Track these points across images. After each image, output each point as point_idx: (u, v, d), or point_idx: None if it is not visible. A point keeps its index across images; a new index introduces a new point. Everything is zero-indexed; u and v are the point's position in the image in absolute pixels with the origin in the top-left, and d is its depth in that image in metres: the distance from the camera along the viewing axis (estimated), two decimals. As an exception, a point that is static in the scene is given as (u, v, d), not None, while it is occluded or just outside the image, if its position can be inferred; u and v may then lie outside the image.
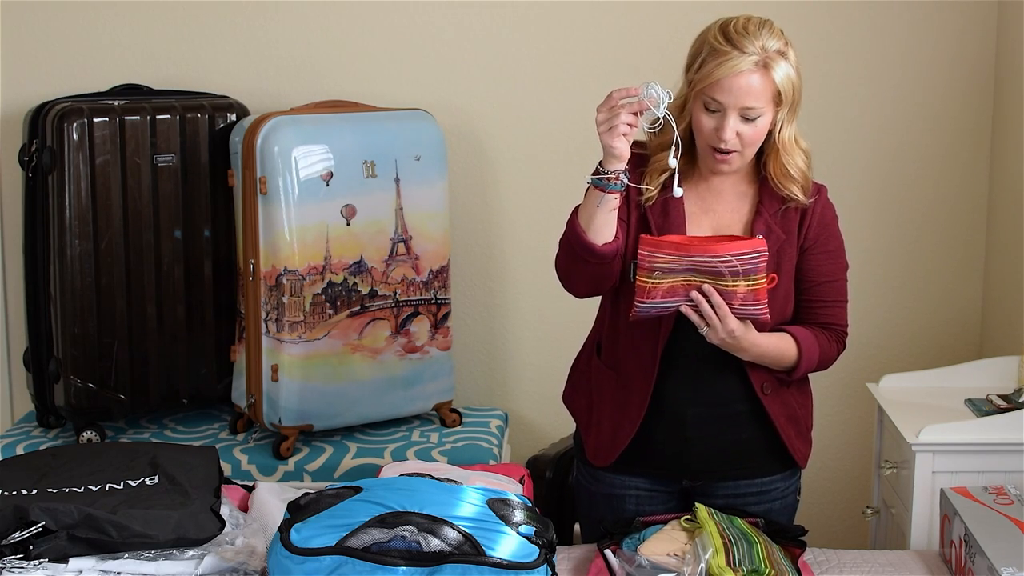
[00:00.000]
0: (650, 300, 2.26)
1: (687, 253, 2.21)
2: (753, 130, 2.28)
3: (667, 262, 2.22)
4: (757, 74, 2.23)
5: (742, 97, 2.23)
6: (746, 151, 2.31)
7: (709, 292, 2.24)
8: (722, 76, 2.22)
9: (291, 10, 3.54)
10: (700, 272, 2.23)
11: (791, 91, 2.28)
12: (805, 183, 2.37)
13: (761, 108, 2.26)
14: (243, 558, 2.14)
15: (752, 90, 2.23)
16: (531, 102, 3.57)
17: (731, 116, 2.25)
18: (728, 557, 2.17)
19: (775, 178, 2.36)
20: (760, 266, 2.23)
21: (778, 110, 2.29)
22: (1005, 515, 2.33)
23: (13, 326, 3.60)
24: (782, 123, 2.31)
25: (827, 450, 3.62)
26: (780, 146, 2.32)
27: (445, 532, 1.99)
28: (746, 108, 2.24)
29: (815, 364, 2.43)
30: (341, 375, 3.19)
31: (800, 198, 2.36)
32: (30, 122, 3.24)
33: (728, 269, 2.21)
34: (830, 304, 2.44)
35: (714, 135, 2.28)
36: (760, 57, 2.23)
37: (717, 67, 2.23)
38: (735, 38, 2.23)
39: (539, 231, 3.59)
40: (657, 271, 2.23)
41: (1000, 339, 3.44)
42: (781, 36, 2.27)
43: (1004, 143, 3.44)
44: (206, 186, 3.29)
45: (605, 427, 2.47)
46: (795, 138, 2.34)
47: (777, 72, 2.24)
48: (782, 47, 2.26)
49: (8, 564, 1.99)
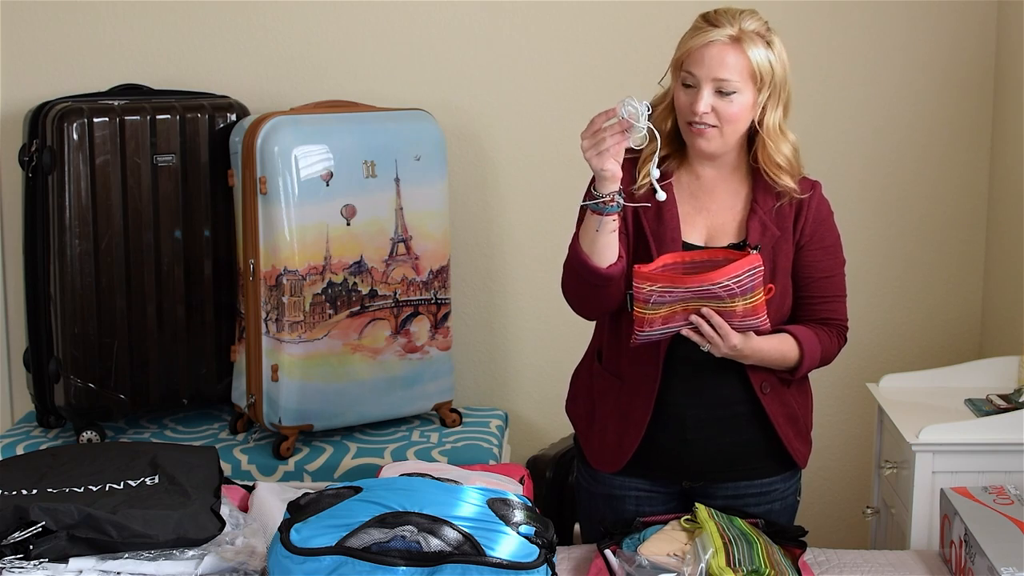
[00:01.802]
0: (649, 328, 2.26)
1: (682, 284, 2.21)
2: (729, 106, 2.29)
3: (662, 293, 2.22)
4: (730, 47, 2.27)
5: (714, 68, 2.26)
6: (725, 128, 2.31)
7: (709, 314, 2.25)
8: (694, 46, 2.27)
9: (291, 10, 3.54)
10: (698, 299, 2.23)
11: (769, 72, 2.29)
12: (793, 172, 2.37)
13: (735, 83, 2.27)
14: (243, 558, 2.14)
15: (725, 62, 2.26)
16: (531, 102, 3.57)
17: (705, 88, 2.28)
18: (728, 557, 2.17)
19: (766, 168, 2.36)
20: (756, 282, 2.23)
21: (759, 93, 2.30)
22: (1005, 515, 2.33)
23: (13, 326, 3.60)
24: (764, 108, 2.32)
25: (827, 450, 3.62)
26: (765, 133, 2.33)
27: (445, 532, 1.99)
28: (719, 79, 2.27)
29: (817, 362, 2.43)
30: (341, 375, 3.19)
31: (791, 186, 2.36)
32: (30, 122, 3.24)
33: (726, 292, 2.22)
34: (829, 299, 2.45)
35: (689, 109, 2.30)
36: (735, 32, 2.27)
37: (691, 38, 2.29)
38: (713, 17, 2.30)
39: (539, 231, 3.60)
40: (653, 302, 2.23)
41: (1000, 339, 3.44)
42: (762, 22, 2.31)
43: (1004, 143, 3.44)
44: (206, 186, 3.29)
45: (610, 434, 2.47)
46: (780, 126, 2.35)
47: (752, 51, 2.27)
48: (761, 30, 2.29)
49: (8, 564, 2.00)
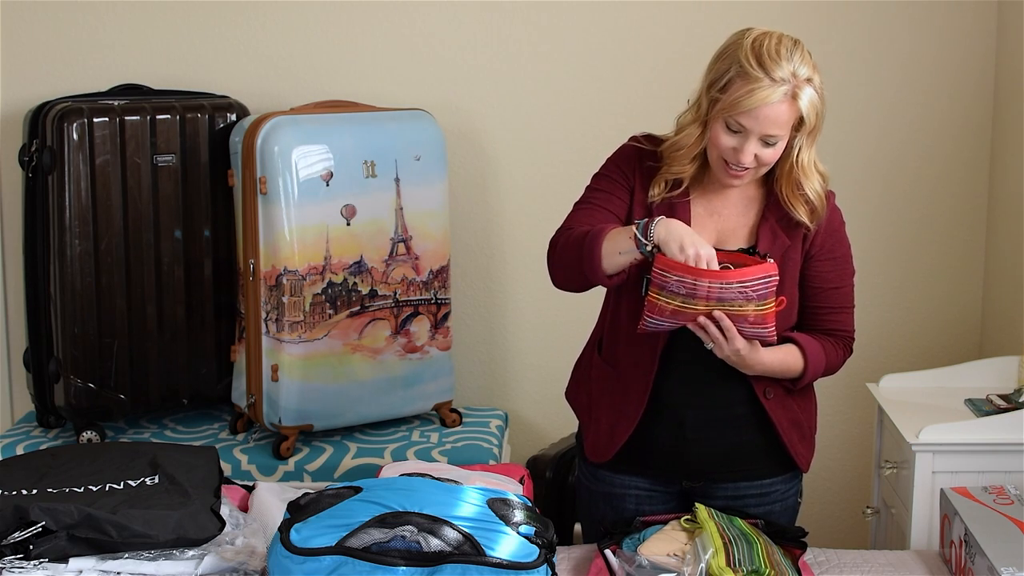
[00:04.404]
0: (659, 316, 2.26)
1: (699, 278, 2.21)
2: (771, 152, 2.28)
3: (679, 284, 2.22)
4: (785, 104, 2.22)
5: (768, 126, 2.23)
6: (760, 169, 2.31)
7: (719, 317, 2.24)
8: (752, 107, 2.21)
9: (291, 10, 3.54)
10: (710, 298, 2.23)
11: (814, 117, 2.26)
12: (818, 206, 2.36)
13: (783, 135, 2.26)
14: (243, 558, 2.14)
15: (779, 120, 2.23)
16: (531, 102, 3.57)
17: (752, 140, 2.25)
18: (728, 557, 2.17)
19: (784, 197, 2.35)
20: (770, 291, 2.23)
21: (796, 133, 2.28)
22: (1005, 515, 2.33)
23: (13, 326, 3.60)
24: (800, 146, 2.29)
25: (827, 450, 3.62)
26: (799, 168, 2.31)
27: (445, 532, 1.99)
28: (768, 135, 2.24)
29: (821, 373, 2.43)
30: (341, 375, 3.19)
31: (804, 220, 2.35)
32: (30, 122, 3.24)
33: (740, 295, 2.22)
34: (836, 310, 2.44)
35: (731, 153, 2.27)
36: (790, 87, 2.21)
37: (748, 96, 2.20)
38: (767, 63, 2.20)
39: (539, 231, 3.55)
40: (668, 290, 2.23)
41: (1000, 339, 3.44)
42: (810, 59, 2.25)
43: (1004, 143, 3.44)
44: (206, 186, 3.29)
45: (603, 424, 2.47)
46: (814, 161, 2.33)
47: (803, 99, 2.23)
48: (811, 72, 2.24)
49: (8, 564, 2.00)
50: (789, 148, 2.30)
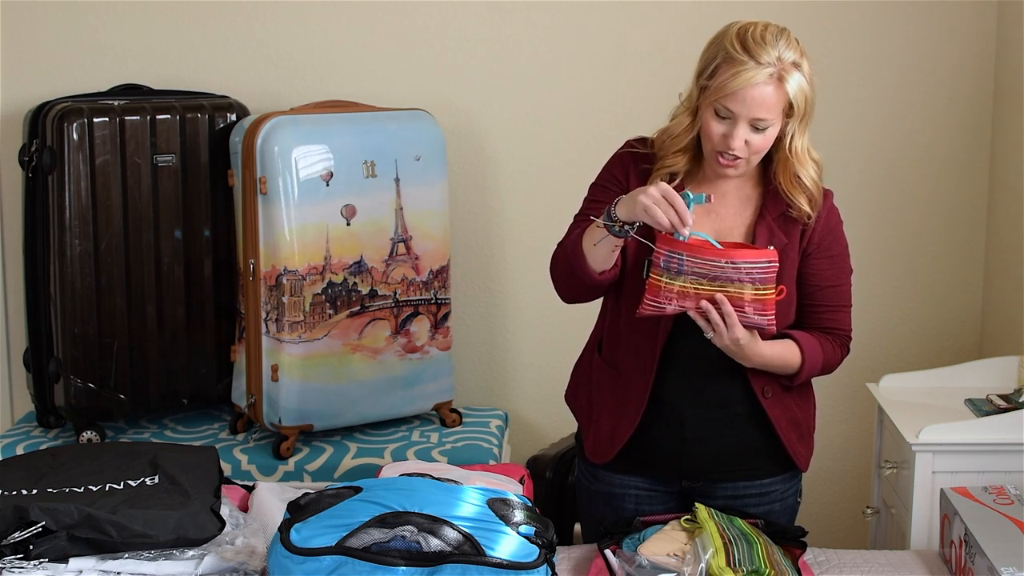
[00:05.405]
0: (660, 299, 2.26)
1: (700, 255, 2.22)
2: (761, 139, 2.28)
3: (680, 262, 2.23)
4: (771, 86, 2.23)
5: (755, 109, 2.23)
6: (752, 158, 2.31)
7: (721, 301, 2.24)
8: (737, 88, 2.22)
9: (291, 10, 3.54)
10: (711, 277, 2.24)
11: (803, 103, 2.27)
12: (815, 194, 2.37)
13: (772, 119, 2.26)
14: (243, 558, 2.14)
15: (765, 102, 2.23)
16: (531, 102, 3.57)
17: (741, 125, 2.25)
18: (728, 557, 2.17)
19: (784, 188, 2.36)
20: (770, 276, 2.24)
21: (788, 120, 2.29)
22: (1005, 515, 2.33)
23: (13, 326, 3.60)
24: (793, 133, 2.30)
25: (827, 450, 3.62)
26: (792, 156, 2.32)
27: (445, 532, 1.99)
28: (757, 119, 2.25)
29: (818, 370, 2.43)
30: (341, 375, 3.19)
31: (806, 209, 2.36)
32: (30, 122, 3.24)
33: (739, 276, 2.22)
34: (834, 309, 2.45)
35: (722, 141, 2.28)
36: (775, 69, 2.22)
37: (732, 78, 2.22)
38: (752, 47, 2.22)
39: (539, 231, 3.58)
40: (670, 271, 2.24)
41: (1000, 339, 3.44)
42: (797, 46, 2.26)
43: (1004, 143, 3.44)
44: (206, 186, 3.29)
45: (604, 425, 2.47)
46: (807, 149, 2.34)
47: (790, 84, 2.24)
48: (797, 58, 2.25)
49: (8, 564, 2.00)
50: (781, 136, 2.31)
